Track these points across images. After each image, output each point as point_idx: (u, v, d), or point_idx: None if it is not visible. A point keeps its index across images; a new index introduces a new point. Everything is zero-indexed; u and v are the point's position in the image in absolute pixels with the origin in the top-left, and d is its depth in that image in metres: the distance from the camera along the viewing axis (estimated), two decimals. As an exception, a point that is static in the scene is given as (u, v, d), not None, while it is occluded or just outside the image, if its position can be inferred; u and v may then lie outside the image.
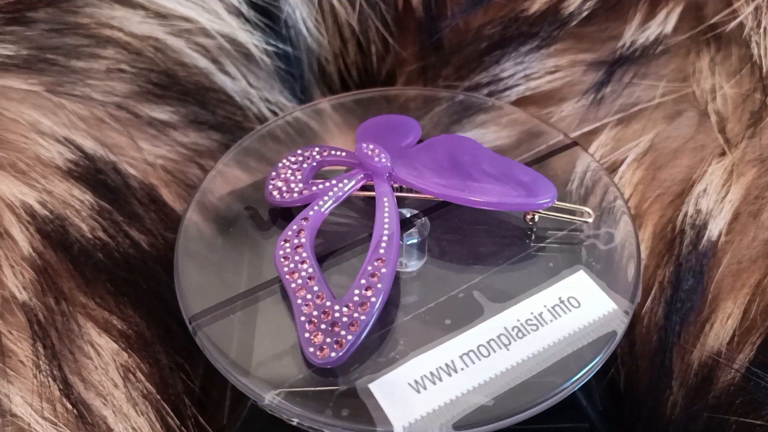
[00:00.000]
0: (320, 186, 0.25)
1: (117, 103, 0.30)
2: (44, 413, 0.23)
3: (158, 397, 0.25)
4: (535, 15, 0.32)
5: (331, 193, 0.25)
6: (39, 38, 0.29)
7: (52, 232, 0.26)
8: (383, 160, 0.25)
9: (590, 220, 0.25)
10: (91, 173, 0.28)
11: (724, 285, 0.26)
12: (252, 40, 0.33)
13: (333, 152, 0.27)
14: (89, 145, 0.28)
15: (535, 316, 0.23)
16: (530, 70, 0.32)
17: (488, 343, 0.22)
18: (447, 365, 0.22)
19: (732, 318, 0.25)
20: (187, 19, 0.31)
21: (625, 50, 0.31)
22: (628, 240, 0.25)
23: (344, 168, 0.27)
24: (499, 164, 0.25)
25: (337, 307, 0.22)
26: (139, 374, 0.25)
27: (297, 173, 0.26)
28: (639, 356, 0.27)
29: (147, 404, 0.25)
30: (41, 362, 0.24)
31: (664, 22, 0.31)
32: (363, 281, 0.22)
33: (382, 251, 0.23)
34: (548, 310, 0.23)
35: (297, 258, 0.23)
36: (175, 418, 0.25)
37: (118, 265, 0.26)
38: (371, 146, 0.25)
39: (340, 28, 0.35)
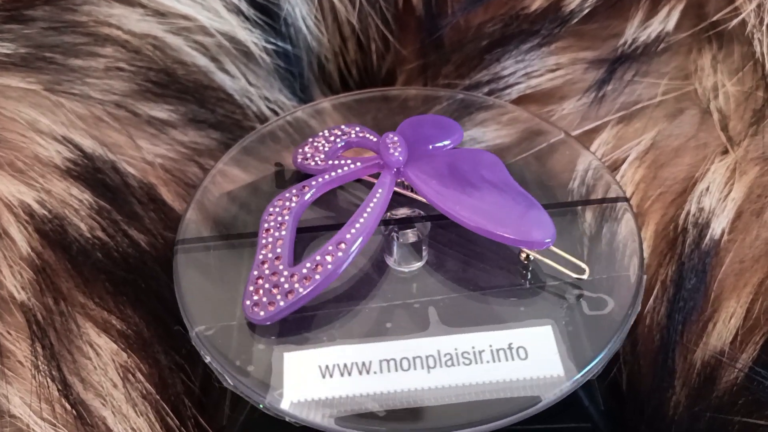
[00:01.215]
0: (335, 162, 0.26)
1: (116, 101, 0.30)
2: (43, 414, 0.23)
3: (158, 397, 0.25)
4: (535, 13, 0.32)
5: (340, 171, 0.25)
6: (37, 36, 0.29)
7: (50, 232, 0.26)
8: (396, 153, 0.25)
9: (584, 277, 0.23)
10: (90, 172, 0.27)
11: (726, 284, 0.26)
12: (251, 38, 0.33)
13: (367, 135, 0.27)
14: (88, 144, 0.28)
15: (474, 352, 0.22)
16: (531, 68, 0.32)
17: (413, 358, 0.22)
18: (363, 364, 0.22)
19: (735, 317, 0.25)
20: (186, 17, 0.31)
21: (627, 48, 0.31)
22: (630, 238, 0.25)
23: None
24: (510, 192, 0.24)
25: (286, 273, 0.23)
26: (138, 374, 0.25)
27: (327, 145, 0.27)
28: (641, 356, 0.27)
29: (146, 405, 0.25)
30: (40, 362, 0.24)
31: (666, 20, 0.31)
32: (318, 257, 0.23)
33: (348, 236, 0.23)
34: (491, 350, 0.22)
35: (279, 219, 0.24)
36: (174, 419, 0.25)
37: (117, 265, 0.26)
38: (395, 138, 0.25)
39: (339, 26, 0.35)
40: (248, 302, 0.23)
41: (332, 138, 0.27)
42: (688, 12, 0.31)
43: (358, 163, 0.25)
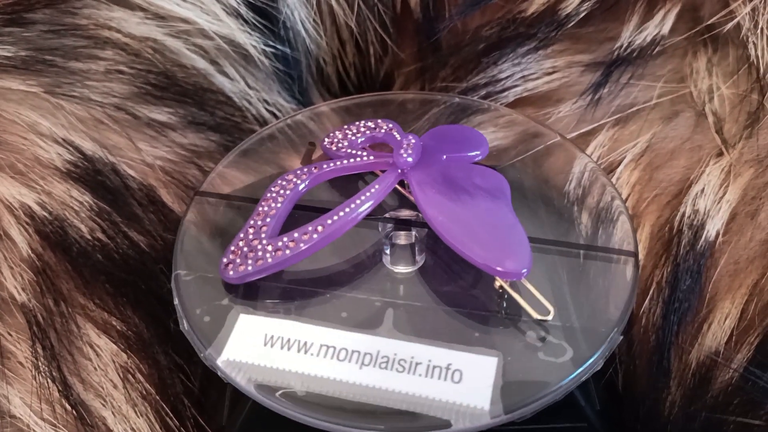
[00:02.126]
0: (352, 151, 0.26)
1: (115, 104, 0.30)
2: (43, 414, 0.23)
3: (157, 397, 0.25)
4: (532, 16, 0.32)
5: (352, 160, 0.26)
6: (37, 39, 0.29)
7: (51, 234, 0.26)
8: (405, 155, 0.25)
9: (548, 318, 0.22)
10: (90, 174, 0.28)
11: (721, 285, 0.26)
12: (250, 41, 0.33)
13: (394, 133, 0.27)
14: (88, 146, 0.28)
15: (411, 362, 0.22)
16: (528, 71, 0.32)
17: (351, 351, 0.22)
18: (305, 343, 0.22)
19: (730, 318, 0.25)
20: (185, 20, 0.31)
21: (623, 51, 0.31)
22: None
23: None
24: (501, 218, 0.24)
25: (264, 242, 0.24)
26: (138, 375, 0.25)
27: (356, 136, 0.27)
28: (637, 356, 0.27)
29: (146, 405, 0.25)
30: (40, 363, 0.24)
31: (661, 23, 0.31)
32: (296, 234, 0.24)
33: (329, 222, 0.24)
34: (428, 365, 0.22)
35: (281, 191, 0.25)
36: (174, 419, 0.25)
37: (117, 266, 0.26)
38: (412, 141, 0.26)
39: (338, 29, 0.35)
40: (224, 260, 0.24)
41: (363, 129, 0.28)
42: (683, 15, 0.31)
43: (371, 157, 0.26)
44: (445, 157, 0.26)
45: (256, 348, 0.22)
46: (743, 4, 0.29)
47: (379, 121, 0.28)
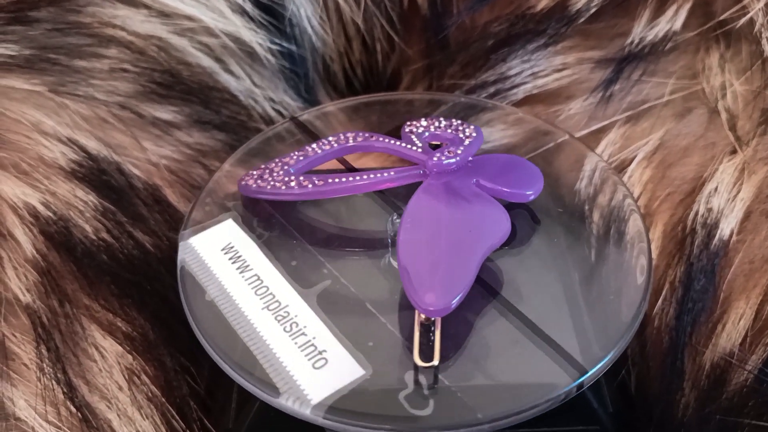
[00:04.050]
0: (412, 137, 0.27)
1: (120, 102, 0.29)
2: (48, 417, 0.23)
3: (163, 400, 0.25)
4: (542, 12, 0.32)
5: (402, 144, 0.27)
6: (41, 38, 0.29)
7: (55, 234, 0.26)
8: (436, 158, 0.25)
9: (429, 364, 0.21)
10: (95, 174, 0.27)
11: (736, 285, 0.25)
12: (256, 38, 0.33)
13: (455, 133, 0.27)
14: (92, 145, 0.28)
15: (300, 330, 0.22)
16: (537, 68, 0.32)
17: (268, 292, 0.23)
18: (247, 266, 0.24)
19: (744, 318, 0.25)
20: (190, 18, 0.31)
21: (634, 47, 0.31)
22: (638, 238, 0.24)
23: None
24: (464, 251, 0.22)
25: (281, 172, 0.26)
26: (143, 377, 0.25)
27: (432, 127, 0.27)
28: (650, 357, 0.26)
29: (152, 407, 0.25)
30: (45, 365, 0.23)
31: (673, 19, 0.30)
32: (301, 178, 0.25)
33: (330, 180, 0.25)
34: (309, 341, 0.22)
35: (332, 142, 0.27)
36: (180, 421, 0.25)
37: (123, 267, 0.26)
38: (459, 150, 0.25)
39: (344, 26, 0.35)
40: (247, 175, 0.26)
41: (438, 122, 0.28)
42: (695, 11, 0.31)
43: (416, 149, 0.26)
44: (474, 180, 0.25)
45: (215, 248, 0.24)
46: (756, 0, 0.29)
47: (471, 126, 0.27)
